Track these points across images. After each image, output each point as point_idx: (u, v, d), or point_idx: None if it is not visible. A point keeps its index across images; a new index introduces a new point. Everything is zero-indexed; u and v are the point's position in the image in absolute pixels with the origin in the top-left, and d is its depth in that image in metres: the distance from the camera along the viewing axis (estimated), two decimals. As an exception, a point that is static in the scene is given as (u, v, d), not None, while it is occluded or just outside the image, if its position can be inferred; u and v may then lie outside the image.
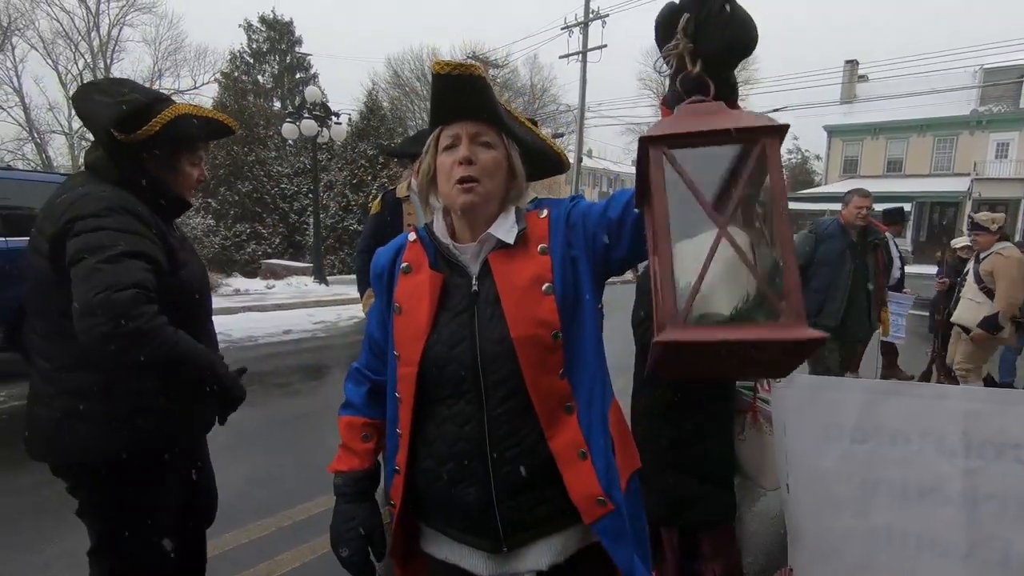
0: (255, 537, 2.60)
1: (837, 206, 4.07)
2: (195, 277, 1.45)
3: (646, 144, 0.69)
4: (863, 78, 31.39)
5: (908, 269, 5.37)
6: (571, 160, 25.74)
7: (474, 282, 1.03)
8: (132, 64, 47.06)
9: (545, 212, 1.07)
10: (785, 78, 58.66)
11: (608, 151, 50.45)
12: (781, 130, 0.65)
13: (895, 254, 4.56)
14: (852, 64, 31.18)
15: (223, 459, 3.70)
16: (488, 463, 0.99)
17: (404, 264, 1.09)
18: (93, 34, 25.92)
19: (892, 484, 1.63)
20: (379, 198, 2.91)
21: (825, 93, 28.74)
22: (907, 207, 13.34)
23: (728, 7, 0.74)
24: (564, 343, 0.99)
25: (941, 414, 1.58)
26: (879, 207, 4.99)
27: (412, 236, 1.11)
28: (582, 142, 22.62)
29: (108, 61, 26.43)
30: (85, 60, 25.91)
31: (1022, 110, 26.37)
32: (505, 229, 1.03)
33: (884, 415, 1.64)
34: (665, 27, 0.79)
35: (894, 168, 28.58)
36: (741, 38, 0.76)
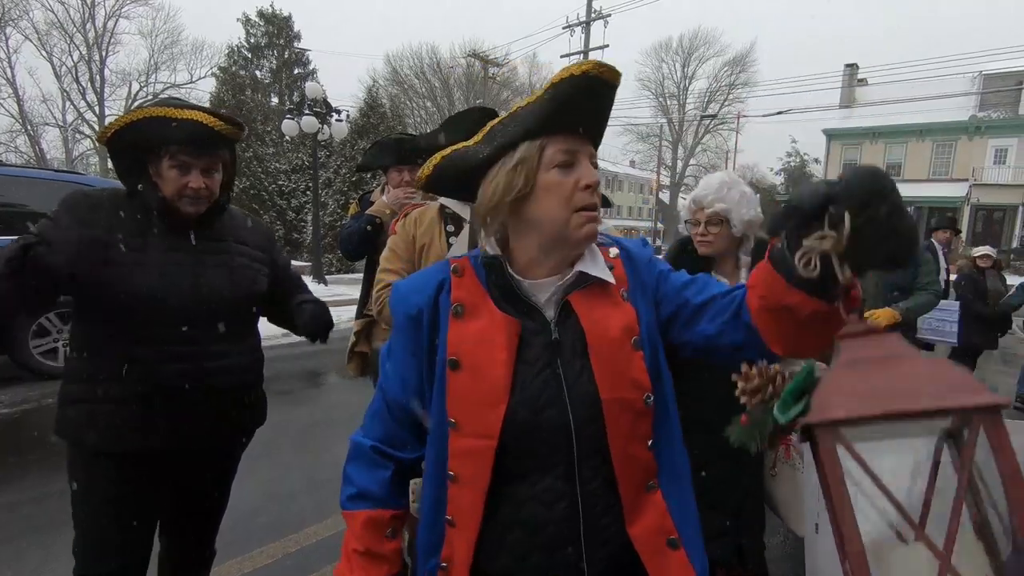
0: (260, 566, 2.45)
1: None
2: (148, 280, 1.37)
3: (813, 429, 0.53)
4: (863, 82, 31.40)
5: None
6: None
7: (553, 328, 0.86)
8: (128, 57, 46.97)
9: (615, 250, 0.92)
10: (785, 81, 58.82)
11: (606, 151, 50.38)
12: (997, 408, 0.48)
13: (943, 264, 4.53)
14: (852, 68, 31.18)
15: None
16: (582, 549, 0.83)
17: (455, 304, 0.87)
18: (88, 25, 25.64)
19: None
20: (356, 201, 2.88)
21: (825, 97, 28.76)
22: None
23: (894, 216, 0.57)
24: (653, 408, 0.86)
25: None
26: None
27: (457, 267, 0.90)
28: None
29: (104, 53, 26.15)
30: (80, 52, 25.64)
31: (1021, 116, 26.42)
32: (599, 266, 0.87)
33: None
34: (806, 214, 0.60)
35: (893, 172, 28.25)
36: (903, 252, 0.59)
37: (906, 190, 2.83)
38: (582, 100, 0.82)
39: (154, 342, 1.38)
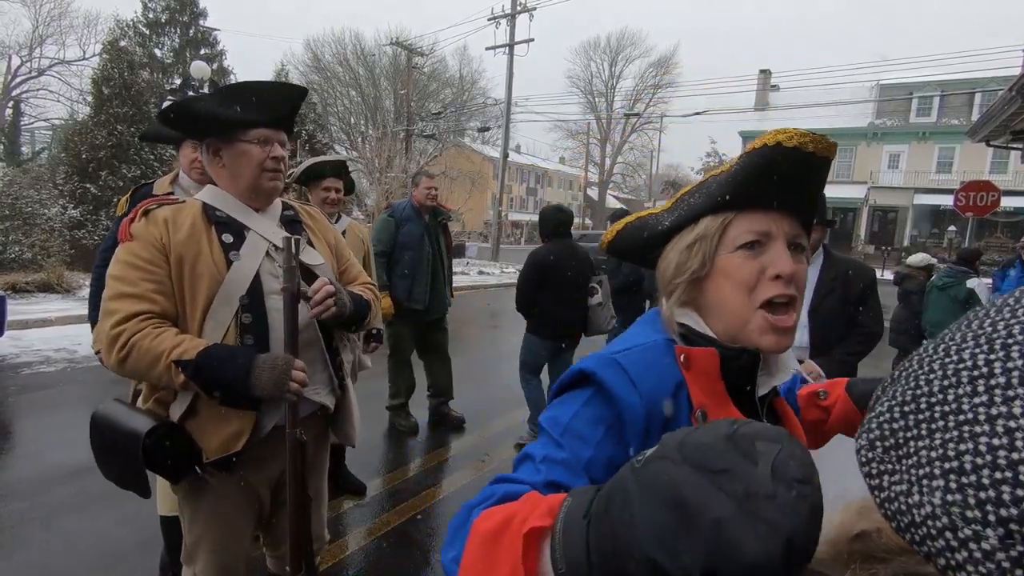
0: None
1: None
2: None
3: None
4: (775, 87, 33.03)
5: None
6: (497, 154, 25.19)
7: None
8: (7, 28, 41.93)
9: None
10: (705, 83, 61.33)
11: (536, 147, 50.52)
12: None
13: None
14: (766, 74, 32.72)
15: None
16: None
17: (698, 410, 0.71)
18: (-49, -11, 22.55)
19: None
20: (127, 196, 2.18)
21: (741, 100, 30.10)
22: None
23: None
24: None
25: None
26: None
27: (685, 357, 0.73)
28: (508, 136, 22.21)
29: (-29, 21, 23.09)
30: (-60, 18, 22.49)
31: (911, 124, 28.70)
32: (787, 371, 0.79)
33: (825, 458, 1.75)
34: None
35: (802, 174, 30.30)
36: None
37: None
38: (790, 174, 0.70)
39: None
